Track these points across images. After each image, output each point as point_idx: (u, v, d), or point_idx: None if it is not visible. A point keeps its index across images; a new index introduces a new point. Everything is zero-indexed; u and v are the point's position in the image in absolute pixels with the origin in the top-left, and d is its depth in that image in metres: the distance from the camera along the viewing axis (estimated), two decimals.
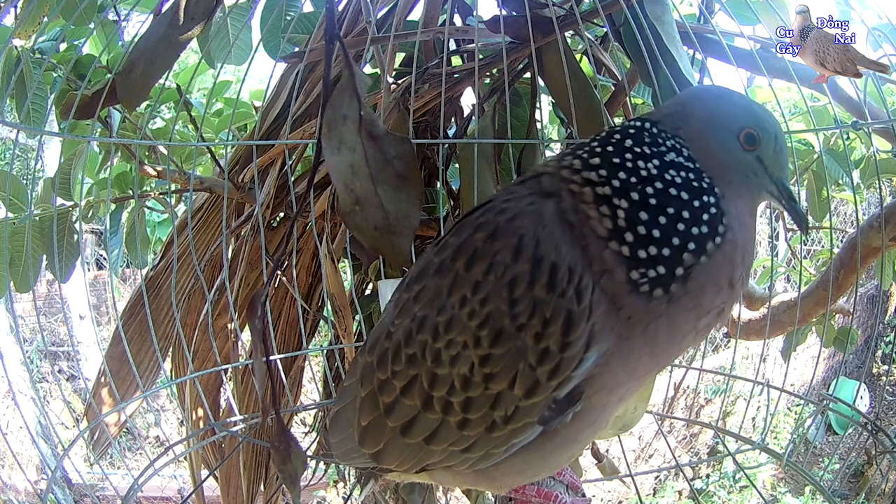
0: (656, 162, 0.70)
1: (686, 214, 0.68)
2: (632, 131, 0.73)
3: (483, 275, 0.68)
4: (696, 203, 0.69)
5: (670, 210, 0.68)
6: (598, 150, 0.72)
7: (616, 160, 0.70)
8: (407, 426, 0.75)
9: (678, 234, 0.67)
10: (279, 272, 1.61)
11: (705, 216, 0.69)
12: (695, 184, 0.70)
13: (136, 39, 0.99)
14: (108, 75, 1.38)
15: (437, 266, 0.73)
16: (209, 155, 1.67)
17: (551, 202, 0.70)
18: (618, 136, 0.73)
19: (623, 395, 0.75)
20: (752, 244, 0.74)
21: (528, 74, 1.47)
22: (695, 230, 0.68)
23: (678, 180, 0.69)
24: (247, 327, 1.48)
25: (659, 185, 0.69)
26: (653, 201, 0.68)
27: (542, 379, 0.66)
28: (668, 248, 0.67)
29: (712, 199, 0.70)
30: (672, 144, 0.72)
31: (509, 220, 0.70)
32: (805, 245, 4.11)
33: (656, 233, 0.67)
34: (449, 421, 0.71)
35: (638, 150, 0.71)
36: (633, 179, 0.69)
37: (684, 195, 0.69)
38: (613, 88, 1.52)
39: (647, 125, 0.73)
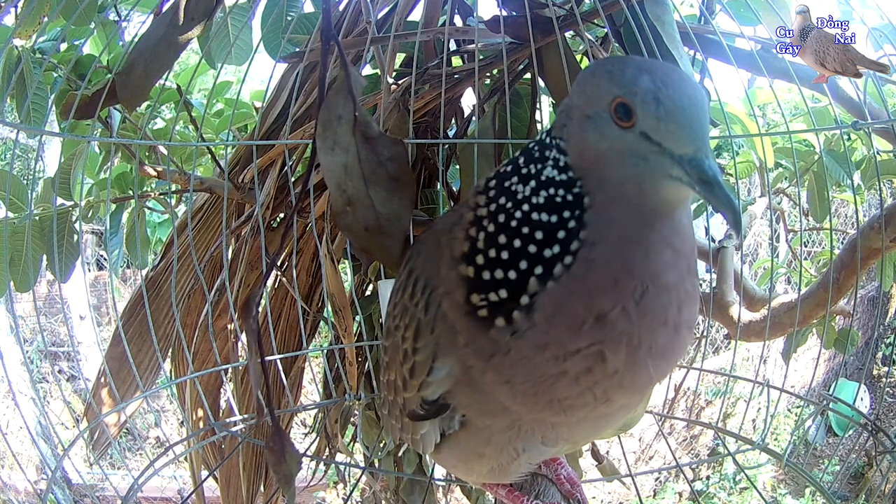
0: (533, 183, 0.62)
1: (539, 235, 0.59)
2: (531, 146, 0.65)
3: (399, 275, 0.76)
4: (554, 219, 0.59)
5: (524, 230, 0.60)
6: (502, 170, 0.66)
7: (505, 183, 0.64)
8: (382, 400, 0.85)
9: (527, 257, 0.59)
10: (279, 272, 1.61)
11: (560, 233, 0.58)
12: (558, 199, 0.59)
13: (136, 39, 0.99)
14: (109, 75, 1.38)
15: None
16: (209, 155, 1.67)
17: (449, 218, 0.71)
18: (519, 155, 0.66)
19: (519, 429, 0.70)
20: (644, 262, 0.57)
21: (528, 75, 1.47)
22: (546, 252, 0.58)
23: (541, 201, 0.60)
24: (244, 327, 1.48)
25: (525, 207, 0.61)
26: (513, 224, 0.61)
27: (406, 375, 0.71)
28: (513, 271, 0.59)
29: (576, 212, 0.58)
30: (553, 155, 0.62)
31: (426, 230, 0.77)
32: (805, 246, 4.11)
33: (505, 255, 0.60)
34: (388, 399, 0.80)
35: (524, 170, 0.63)
36: (509, 204, 0.62)
37: (544, 216, 0.59)
38: None
39: (543, 136, 0.65)
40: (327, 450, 1.67)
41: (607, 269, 0.57)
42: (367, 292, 1.71)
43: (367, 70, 1.65)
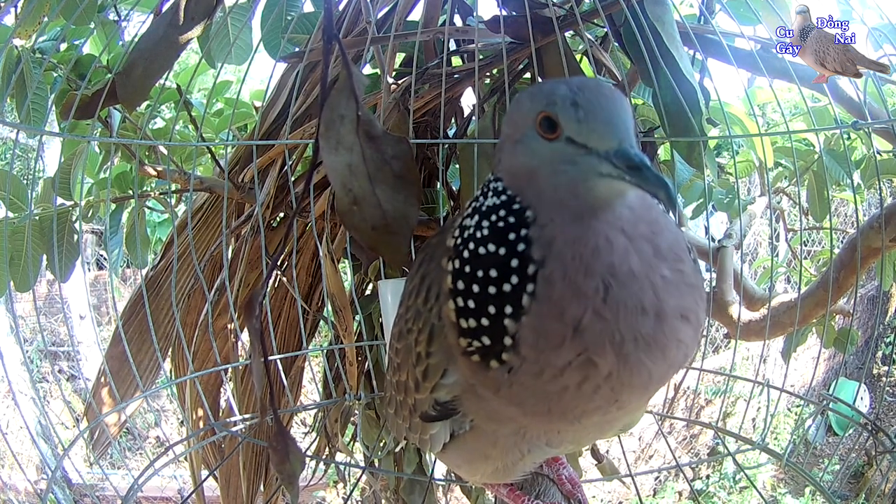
0: (477, 218, 0.63)
1: (494, 273, 0.59)
2: (480, 188, 0.66)
3: (412, 278, 0.75)
4: (503, 251, 0.59)
5: (479, 273, 0.60)
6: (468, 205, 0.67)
7: (465, 222, 0.64)
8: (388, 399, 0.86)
9: (492, 300, 0.59)
10: (279, 272, 1.61)
11: (514, 261, 0.59)
12: (501, 224, 0.60)
13: (136, 39, 0.99)
14: (108, 75, 1.38)
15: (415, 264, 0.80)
16: (209, 155, 1.67)
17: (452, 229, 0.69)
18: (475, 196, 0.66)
19: (525, 434, 0.72)
20: (597, 258, 0.57)
21: (528, 75, 1.47)
22: (506, 286, 0.59)
23: (485, 232, 0.61)
24: (246, 327, 1.48)
25: (472, 245, 0.62)
26: (467, 269, 0.61)
27: (420, 378, 0.71)
28: (486, 318, 0.60)
29: (521, 232, 0.59)
30: (493, 185, 0.63)
31: (438, 233, 0.77)
32: (805, 246, 4.11)
33: (471, 303, 0.61)
34: (397, 399, 0.81)
35: (476, 203, 0.64)
36: (460, 241, 0.64)
37: (491, 247, 0.60)
38: None
39: (486, 181, 0.66)
40: (327, 449, 1.67)
41: (565, 278, 0.57)
42: (367, 292, 1.71)
43: (367, 70, 1.65)
